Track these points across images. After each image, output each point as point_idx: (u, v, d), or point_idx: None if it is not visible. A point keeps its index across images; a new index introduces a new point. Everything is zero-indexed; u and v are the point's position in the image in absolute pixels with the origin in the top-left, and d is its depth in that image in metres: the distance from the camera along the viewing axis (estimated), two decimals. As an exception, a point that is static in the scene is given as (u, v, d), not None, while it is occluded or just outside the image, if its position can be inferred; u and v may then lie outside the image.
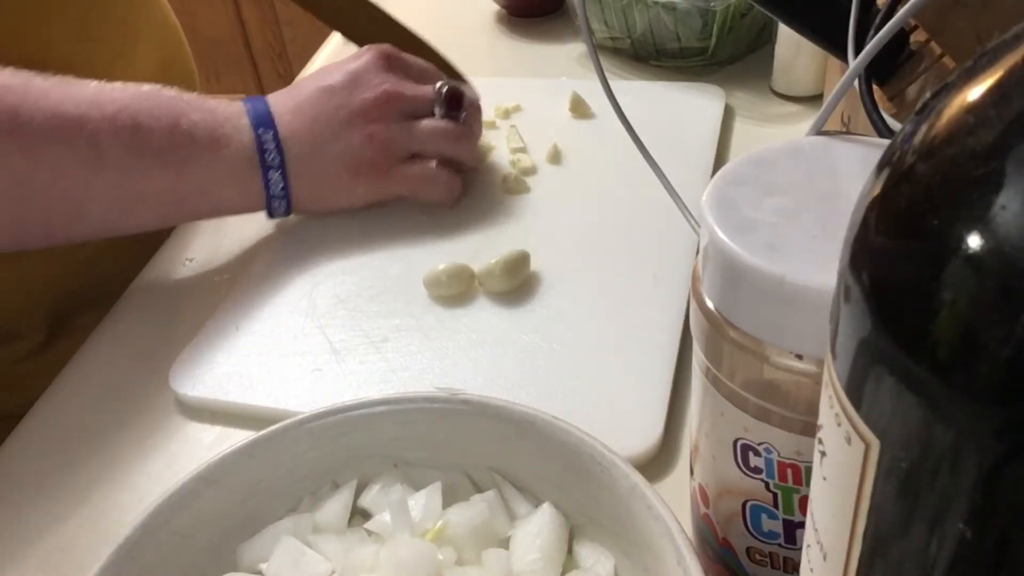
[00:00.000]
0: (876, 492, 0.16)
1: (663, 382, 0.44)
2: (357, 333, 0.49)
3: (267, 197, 0.54)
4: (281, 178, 0.53)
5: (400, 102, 0.56)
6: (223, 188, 0.53)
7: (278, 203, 0.54)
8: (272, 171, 0.53)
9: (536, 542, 0.33)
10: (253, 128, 0.53)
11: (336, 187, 0.56)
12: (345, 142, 0.54)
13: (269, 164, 0.53)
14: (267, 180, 0.53)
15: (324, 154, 0.54)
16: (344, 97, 0.55)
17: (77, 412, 0.48)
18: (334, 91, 0.55)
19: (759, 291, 0.24)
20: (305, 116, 0.54)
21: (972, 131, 0.14)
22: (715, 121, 0.64)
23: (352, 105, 0.55)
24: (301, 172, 0.54)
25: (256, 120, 0.53)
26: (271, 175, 0.53)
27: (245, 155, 0.52)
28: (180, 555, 0.33)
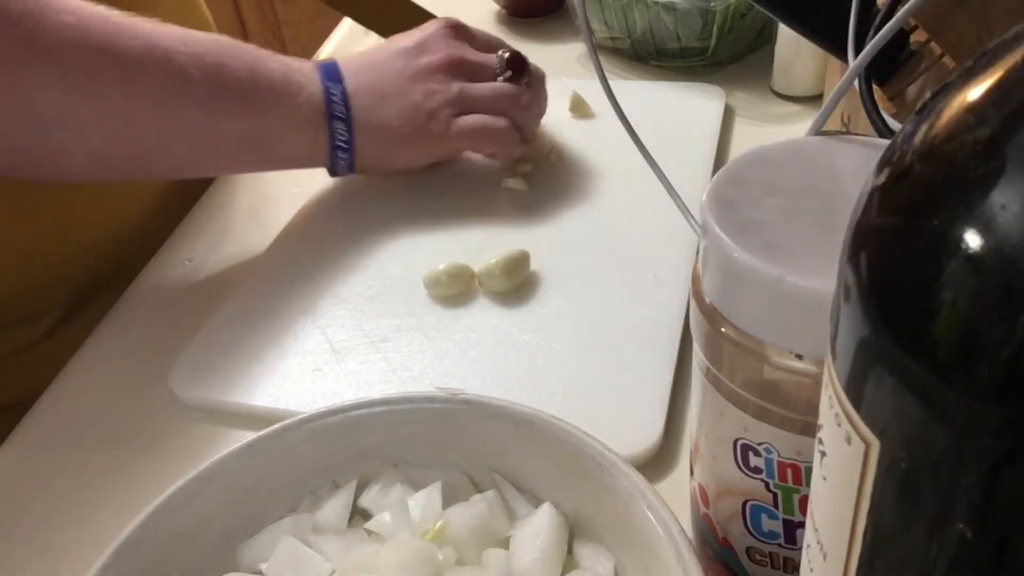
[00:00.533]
0: (876, 492, 0.16)
1: (663, 382, 0.44)
2: (357, 333, 0.49)
3: (331, 148, 0.55)
4: (346, 129, 0.55)
5: (463, 66, 0.58)
6: (294, 136, 0.54)
7: (342, 156, 0.55)
8: (337, 121, 0.54)
9: (536, 542, 0.33)
10: (322, 81, 0.54)
11: (397, 142, 0.57)
12: (407, 99, 0.56)
13: (336, 114, 0.54)
14: (332, 130, 0.54)
15: (387, 108, 0.56)
16: (410, 59, 0.57)
17: (77, 412, 0.48)
18: (401, 54, 0.57)
19: (759, 291, 0.24)
20: (372, 75, 0.56)
21: (972, 131, 0.14)
22: (715, 121, 0.64)
23: (417, 66, 0.57)
24: (365, 125, 0.55)
25: (325, 74, 0.55)
26: (336, 125, 0.54)
27: (315, 105, 0.54)
28: (180, 555, 0.33)
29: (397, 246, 0.55)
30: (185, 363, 0.48)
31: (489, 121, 0.58)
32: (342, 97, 0.55)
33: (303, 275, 0.54)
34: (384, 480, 0.36)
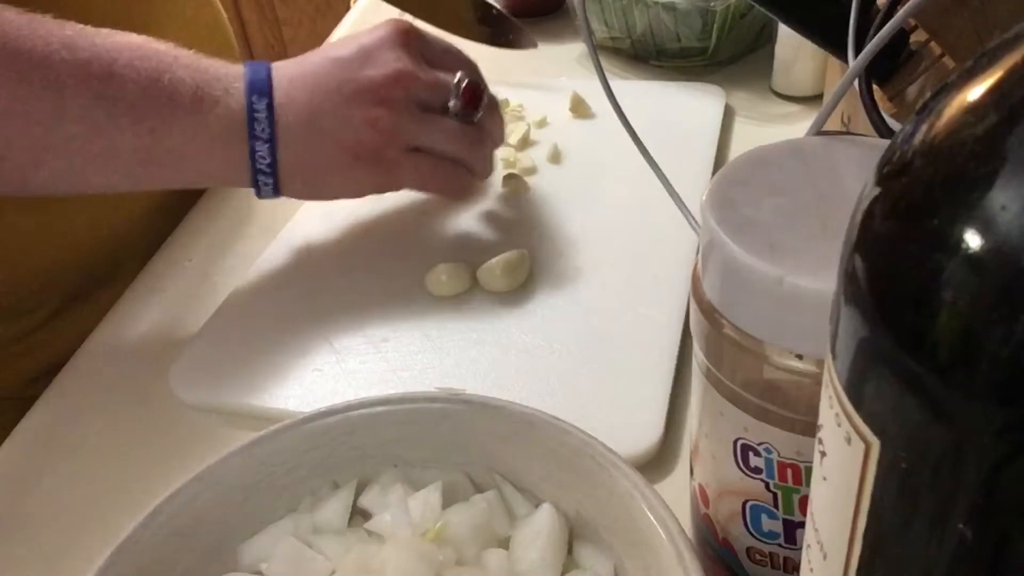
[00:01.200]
0: (876, 492, 0.16)
1: (663, 382, 0.44)
2: (357, 333, 0.49)
3: (252, 172, 0.49)
4: (269, 152, 0.49)
5: (411, 85, 0.51)
6: (203, 155, 0.48)
7: (265, 179, 0.50)
8: (259, 143, 0.48)
9: (536, 542, 0.33)
10: (246, 94, 0.48)
11: (330, 169, 0.51)
12: (344, 120, 0.50)
13: (257, 135, 0.48)
14: (253, 153, 0.49)
15: (319, 130, 0.49)
16: (351, 71, 0.50)
17: (77, 412, 0.48)
18: (342, 63, 0.50)
19: (759, 291, 0.24)
20: (306, 86, 0.50)
21: (972, 131, 0.14)
22: (715, 121, 0.64)
23: (358, 80, 0.50)
24: (291, 146, 0.49)
25: (251, 85, 0.49)
26: (258, 147, 0.48)
27: (233, 121, 0.48)
28: (180, 555, 0.33)
29: (397, 246, 0.55)
30: (185, 363, 0.48)
31: (443, 170, 0.53)
32: (267, 113, 0.48)
33: (303, 275, 0.54)
34: (384, 480, 0.36)
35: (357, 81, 0.50)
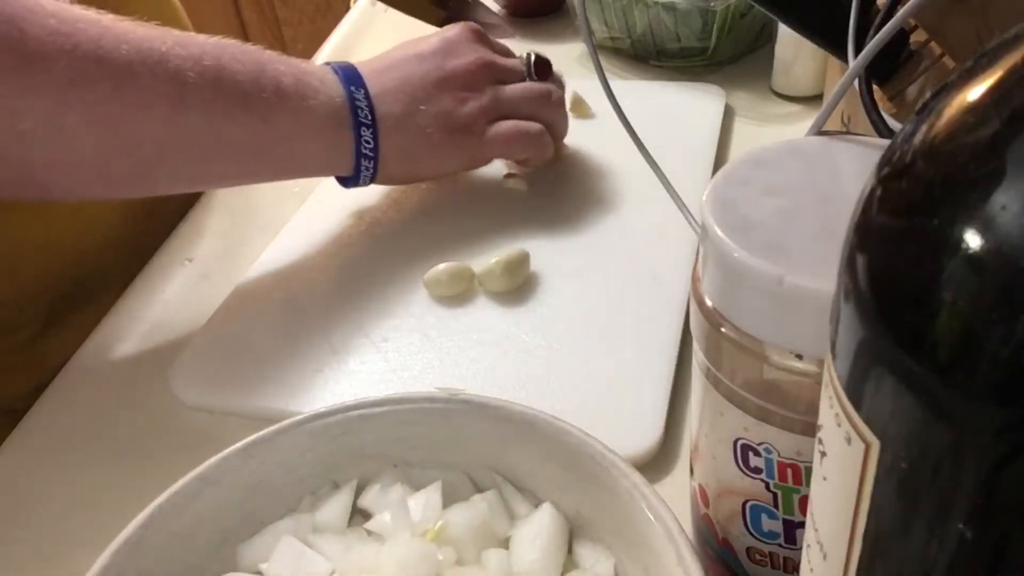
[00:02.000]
0: (876, 492, 0.16)
1: (663, 382, 0.44)
2: (357, 333, 0.49)
3: (356, 156, 0.52)
4: (372, 136, 0.52)
5: (492, 70, 0.56)
6: (308, 141, 0.51)
7: (367, 164, 0.52)
8: (364, 128, 0.51)
9: (536, 542, 0.33)
10: (344, 84, 0.51)
11: (427, 150, 0.54)
12: (438, 106, 0.53)
13: (361, 120, 0.51)
14: (358, 137, 0.51)
15: (416, 115, 0.53)
16: (437, 62, 0.54)
17: (77, 412, 0.48)
18: (425, 57, 0.55)
19: (759, 291, 0.24)
20: (394, 78, 0.53)
21: (972, 131, 0.14)
22: (715, 121, 0.64)
23: (445, 69, 0.54)
24: (392, 132, 0.52)
25: (347, 77, 0.52)
26: (363, 132, 0.51)
27: (333, 109, 0.51)
28: (180, 555, 0.33)
29: (397, 246, 0.55)
30: (185, 363, 0.48)
31: (524, 126, 0.56)
32: (367, 102, 0.51)
33: (303, 275, 0.54)
34: (384, 480, 0.36)
35: (444, 69, 0.54)
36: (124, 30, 0.45)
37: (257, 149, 0.50)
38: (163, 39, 0.47)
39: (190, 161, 0.49)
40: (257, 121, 0.48)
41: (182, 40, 0.47)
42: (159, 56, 0.46)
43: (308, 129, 0.50)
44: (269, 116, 0.49)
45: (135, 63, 0.45)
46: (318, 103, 0.50)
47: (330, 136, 0.51)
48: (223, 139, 0.48)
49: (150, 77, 0.45)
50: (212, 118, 0.47)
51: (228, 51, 0.49)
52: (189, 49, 0.47)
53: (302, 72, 0.51)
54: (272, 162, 0.51)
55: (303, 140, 0.50)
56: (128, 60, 0.45)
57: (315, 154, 0.52)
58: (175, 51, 0.46)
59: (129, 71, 0.45)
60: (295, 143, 0.50)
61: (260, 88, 0.48)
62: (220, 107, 0.47)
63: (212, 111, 0.47)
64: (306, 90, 0.50)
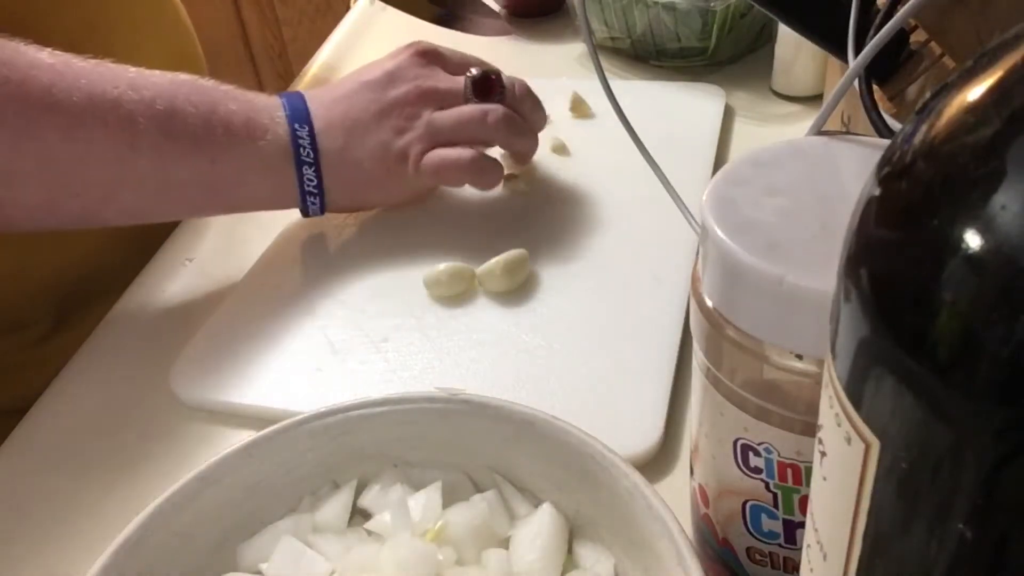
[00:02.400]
0: (876, 492, 0.16)
1: (663, 382, 0.44)
2: (357, 333, 0.49)
3: (301, 194, 0.53)
4: (315, 175, 0.52)
5: (432, 97, 0.55)
6: (257, 180, 0.52)
7: (312, 200, 0.53)
8: (307, 167, 0.52)
9: (536, 542, 0.33)
10: (289, 122, 0.52)
11: (366, 184, 0.55)
12: (376, 137, 0.54)
13: (304, 160, 0.52)
14: (301, 176, 0.52)
15: (355, 149, 0.53)
16: (378, 92, 0.55)
17: (77, 412, 0.48)
18: (369, 86, 0.55)
19: (759, 291, 0.24)
20: (340, 112, 0.54)
21: (972, 131, 0.14)
22: (715, 121, 0.64)
23: (383, 100, 0.54)
24: (334, 167, 0.53)
25: (293, 114, 0.52)
26: (305, 171, 0.52)
27: (280, 147, 0.51)
28: (180, 555, 0.33)
29: (397, 246, 0.55)
30: (185, 363, 0.48)
31: (450, 155, 0.54)
32: (310, 140, 0.52)
33: (303, 275, 0.54)
34: (384, 480, 0.36)
35: (382, 101, 0.54)
36: (77, 75, 0.46)
37: (206, 188, 0.51)
38: (116, 81, 0.47)
39: (140, 200, 0.50)
40: (207, 162, 0.50)
41: (136, 83, 0.48)
42: (111, 102, 0.47)
43: (256, 168, 0.51)
44: (218, 157, 0.50)
45: (86, 111, 0.46)
46: (266, 143, 0.51)
47: (277, 175, 0.52)
48: (172, 180, 0.50)
49: (101, 125, 0.46)
50: (162, 161, 0.48)
51: (182, 91, 0.49)
52: (142, 93, 0.48)
53: (254, 110, 0.51)
54: (221, 199, 0.53)
55: (251, 179, 0.51)
56: (79, 108, 0.46)
57: (263, 192, 0.53)
58: (127, 95, 0.47)
59: (79, 120, 0.46)
60: (243, 182, 0.51)
61: (210, 130, 0.49)
62: (170, 151, 0.48)
63: (162, 155, 0.48)
64: (255, 130, 0.51)
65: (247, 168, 0.51)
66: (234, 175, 0.51)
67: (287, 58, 2.15)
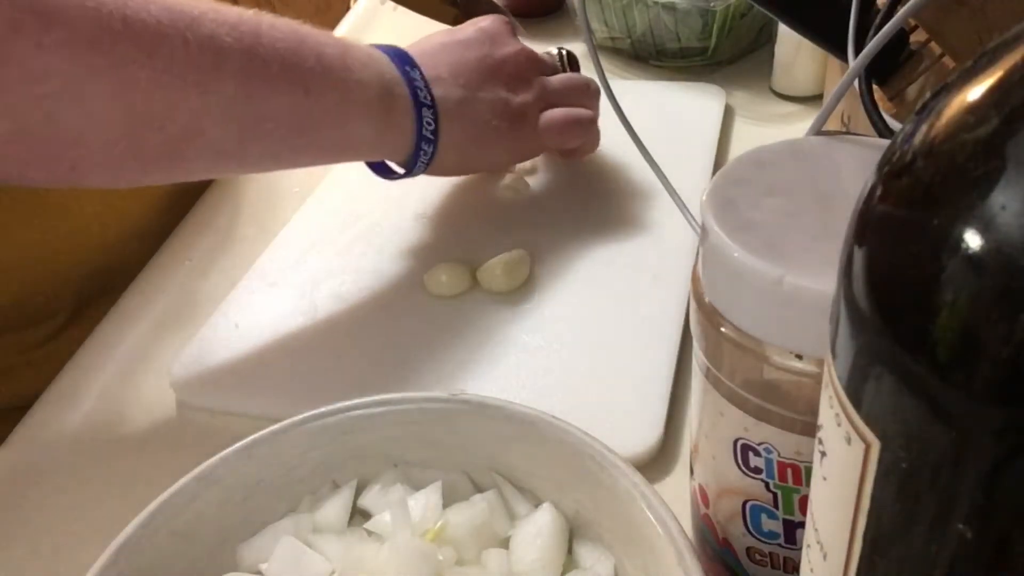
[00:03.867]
0: (876, 492, 0.16)
1: (663, 382, 0.44)
2: (357, 333, 0.49)
3: (416, 139, 0.49)
4: (433, 119, 0.49)
5: (537, 61, 0.56)
6: (359, 119, 0.47)
7: (426, 148, 0.49)
8: (426, 109, 0.48)
9: (536, 542, 0.33)
10: (398, 63, 0.48)
11: (488, 138, 0.53)
12: (494, 93, 0.52)
13: (422, 101, 0.48)
14: (419, 119, 0.48)
15: (473, 100, 0.51)
16: (485, 50, 0.53)
17: (77, 412, 0.48)
18: (471, 44, 0.53)
19: (759, 291, 0.24)
20: (446, 63, 0.51)
21: (972, 131, 0.14)
22: (715, 121, 0.64)
23: (495, 57, 0.53)
24: (453, 117, 0.50)
25: (399, 57, 0.49)
26: (424, 114, 0.48)
27: (384, 87, 0.47)
28: (180, 555, 0.33)
29: (397, 246, 0.55)
30: (185, 363, 0.48)
31: (576, 113, 0.55)
32: (424, 83, 0.48)
33: (303, 275, 0.54)
34: (384, 480, 0.36)
35: (494, 57, 0.53)
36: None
37: (302, 124, 0.46)
38: (195, 3, 0.43)
39: (227, 136, 0.44)
40: (301, 93, 0.45)
41: (215, 6, 0.43)
42: (190, 19, 0.42)
43: (358, 106, 0.47)
44: (313, 88, 0.45)
45: (165, 25, 0.41)
46: (366, 77, 0.47)
47: (382, 116, 0.48)
48: (264, 112, 0.44)
49: (182, 41, 0.41)
50: (251, 88, 0.43)
51: (266, 20, 0.45)
52: (223, 15, 0.43)
53: (346, 46, 0.47)
54: (318, 140, 0.47)
55: (353, 118, 0.47)
56: (157, 21, 0.41)
57: (366, 134, 0.48)
58: (208, 16, 0.42)
59: (159, 33, 0.41)
60: (344, 120, 0.47)
61: (302, 58, 0.45)
62: (258, 75, 0.43)
63: (251, 80, 0.43)
64: (353, 63, 0.46)
65: (348, 104, 0.46)
66: (331, 110, 0.46)
67: (287, 58, 2.14)
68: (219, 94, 0.43)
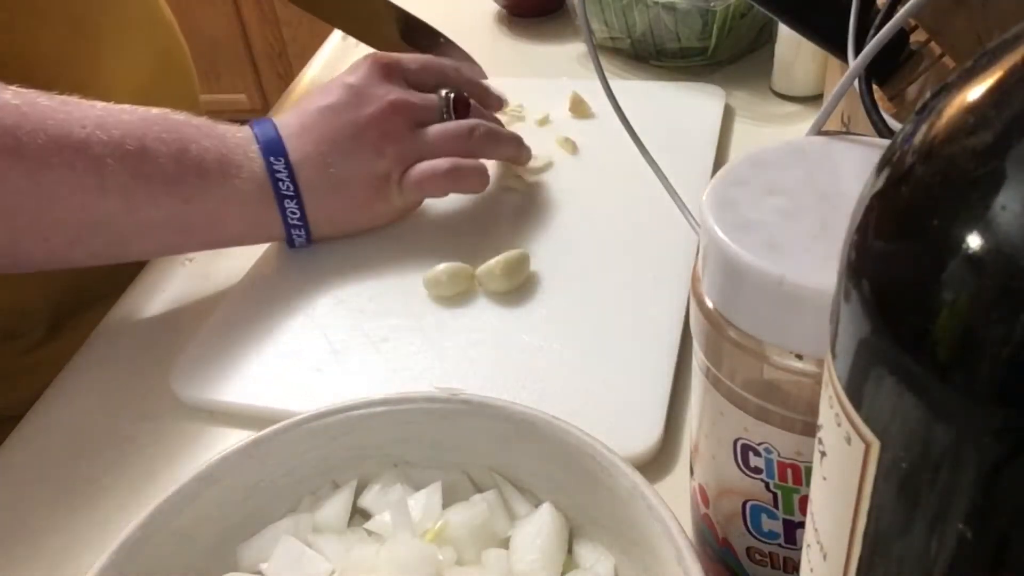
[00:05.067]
0: (876, 492, 0.16)
1: (663, 382, 0.44)
2: (357, 333, 0.49)
3: (285, 228, 0.52)
4: (297, 207, 0.52)
5: (408, 111, 0.54)
6: (234, 217, 0.51)
7: (297, 232, 0.53)
8: (288, 200, 0.51)
9: (536, 542, 0.33)
10: (264, 156, 0.51)
11: (353, 208, 0.54)
12: (357, 160, 0.53)
13: (284, 193, 0.51)
14: (283, 210, 0.51)
15: (337, 176, 0.52)
16: (350, 113, 0.53)
17: (77, 412, 0.48)
18: (338, 109, 0.53)
19: (759, 291, 0.24)
20: (313, 140, 0.52)
21: (972, 131, 0.14)
22: (715, 121, 0.64)
23: (357, 121, 0.53)
24: (316, 197, 0.52)
25: (266, 147, 0.51)
26: (287, 204, 0.51)
27: (257, 183, 0.50)
28: (180, 555, 0.33)
29: (397, 246, 0.55)
30: (185, 363, 0.48)
31: (433, 166, 0.54)
32: (287, 172, 0.51)
33: (303, 275, 0.54)
34: (384, 480, 0.36)
35: (356, 122, 0.53)
36: (42, 115, 0.45)
37: (180, 228, 0.50)
38: (83, 121, 0.46)
39: (109, 242, 0.48)
40: (180, 203, 0.48)
41: (104, 121, 0.47)
42: (78, 144, 0.45)
43: (232, 206, 0.50)
44: (192, 197, 0.48)
45: (52, 153, 0.44)
46: (242, 180, 0.50)
47: (254, 212, 0.51)
48: (143, 221, 0.48)
49: (68, 168, 0.45)
50: (132, 203, 0.47)
51: (153, 130, 0.48)
52: (111, 132, 0.46)
53: (227, 148, 0.50)
54: (197, 238, 0.51)
55: (227, 217, 0.50)
56: (45, 151, 0.44)
57: (240, 229, 0.52)
58: (95, 136, 0.46)
59: (45, 164, 0.44)
60: (219, 220, 0.50)
61: (184, 170, 0.48)
62: (140, 192, 0.47)
63: (132, 196, 0.47)
64: (229, 167, 0.50)
65: (222, 206, 0.50)
66: (209, 214, 0.50)
67: (287, 58, 2.15)
68: (101, 211, 0.47)
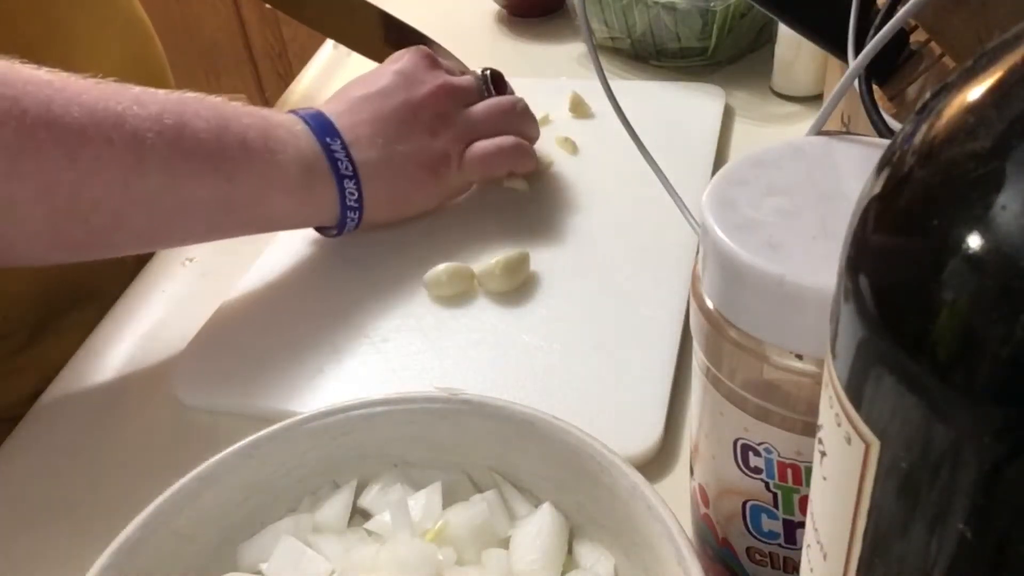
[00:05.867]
0: (876, 492, 0.16)
1: (663, 382, 0.44)
2: (357, 333, 0.49)
3: (341, 208, 0.51)
4: (356, 187, 0.50)
5: (457, 93, 0.55)
6: (280, 197, 0.49)
7: (352, 215, 0.52)
8: (347, 180, 0.50)
9: (536, 542, 0.33)
10: (317, 136, 0.50)
11: (411, 190, 0.54)
12: (413, 141, 0.53)
13: (343, 173, 0.50)
14: (342, 190, 0.50)
15: (394, 156, 0.52)
16: (402, 97, 0.53)
17: (77, 412, 0.48)
18: (388, 93, 0.53)
19: (759, 291, 0.24)
20: (365, 121, 0.52)
21: (972, 131, 0.14)
22: (715, 121, 0.64)
23: (410, 102, 0.53)
24: (374, 178, 0.51)
25: (320, 128, 0.50)
26: (346, 184, 0.50)
27: (305, 163, 0.49)
28: (180, 555, 0.33)
29: (397, 246, 0.55)
30: (185, 364, 0.48)
31: (498, 143, 0.55)
32: (344, 152, 0.50)
33: (303, 275, 0.54)
34: (384, 480, 0.36)
35: (412, 102, 0.53)
36: (76, 91, 0.43)
37: (224, 207, 0.48)
38: (119, 98, 0.44)
39: (151, 223, 0.47)
40: (223, 180, 0.47)
41: (140, 98, 0.45)
42: (115, 118, 0.44)
43: (278, 185, 0.49)
44: (235, 174, 0.47)
45: (88, 127, 0.43)
46: (287, 157, 0.48)
47: (305, 192, 0.50)
48: (186, 200, 0.46)
49: (105, 141, 0.43)
50: (174, 180, 0.45)
51: (190, 107, 0.46)
52: (148, 108, 0.45)
53: (270, 125, 0.49)
54: (242, 219, 0.50)
55: (274, 196, 0.49)
56: (81, 124, 0.42)
57: (289, 209, 0.50)
58: (132, 111, 0.44)
59: (82, 136, 0.42)
60: (264, 200, 0.49)
61: (224, 145, 0.47)
62: (182, 168, 0.45)
63: (173, 172, 0.45)
64: (275, 144, 0.48)
65: (268, 185, 0.48)
66: (254, 193, 0.48)
67: (287, 58, 2.14)
68: (141, 189, 0.44)
